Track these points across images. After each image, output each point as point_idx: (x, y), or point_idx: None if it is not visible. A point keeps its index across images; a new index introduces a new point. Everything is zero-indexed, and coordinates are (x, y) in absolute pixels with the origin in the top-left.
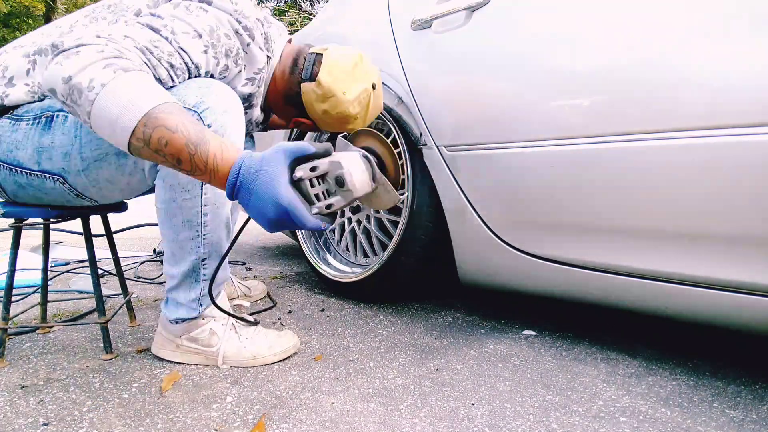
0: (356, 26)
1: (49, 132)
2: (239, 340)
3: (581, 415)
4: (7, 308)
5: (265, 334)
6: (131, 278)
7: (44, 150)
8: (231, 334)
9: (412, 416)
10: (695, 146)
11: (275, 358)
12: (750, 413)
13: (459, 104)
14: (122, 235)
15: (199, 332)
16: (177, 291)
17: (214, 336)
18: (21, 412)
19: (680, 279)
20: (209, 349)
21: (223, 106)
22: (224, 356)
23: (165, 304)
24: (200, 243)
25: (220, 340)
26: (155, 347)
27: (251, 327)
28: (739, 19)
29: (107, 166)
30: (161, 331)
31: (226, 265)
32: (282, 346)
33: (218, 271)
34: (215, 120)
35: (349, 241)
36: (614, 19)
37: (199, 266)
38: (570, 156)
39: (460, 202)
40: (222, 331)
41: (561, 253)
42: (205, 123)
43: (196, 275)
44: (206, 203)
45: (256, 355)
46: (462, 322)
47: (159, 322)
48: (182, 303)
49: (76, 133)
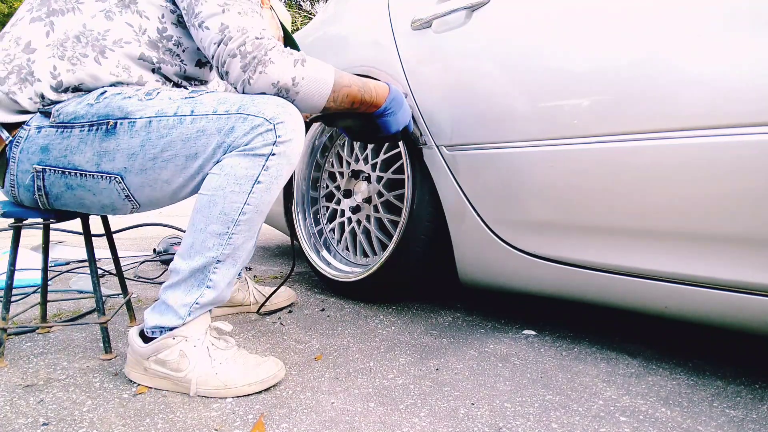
0: (356, 26)
1: (113, 137)
2: (212, 364)
3: (581, 414)
4: (6, 308)
5: (244, 361)
6: (131, 278)
7: (106, 153)
8: (203, 357)
9: (412, 416)
10: (695, 146)
11: (250, 390)
12: (750, 413)
13: (459, 104)
14: (122, 235)
15: (167, 353)
16: (175, 289)
17: (184, 359)
18: (21, 412)
19: (680, 279)
20: (177, 374)
21: (293, 125)
22: (196, 383)
23: (150, 310)
24: (225, 241)
25: (190, 364)
26: (127, 367)
27: (229, 350)
28: (739, 19)
29: (173, 166)
30: (129, 351)
31: (231, 282)
32: (259, 375)
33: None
34: (285, 134)
35: (349, 241)
36: (614, 18)
37: (211, 268)
38: (570, 155)
39: (460, 202)
40: (194, 354)
41: (561, 252)
42: (276, 134)
43: (202, 278)
44: (249, 203)
45: (228, 384)
46: (462, 322)
47: (128, 339)
48: (171, 306)
49: (148, 136)
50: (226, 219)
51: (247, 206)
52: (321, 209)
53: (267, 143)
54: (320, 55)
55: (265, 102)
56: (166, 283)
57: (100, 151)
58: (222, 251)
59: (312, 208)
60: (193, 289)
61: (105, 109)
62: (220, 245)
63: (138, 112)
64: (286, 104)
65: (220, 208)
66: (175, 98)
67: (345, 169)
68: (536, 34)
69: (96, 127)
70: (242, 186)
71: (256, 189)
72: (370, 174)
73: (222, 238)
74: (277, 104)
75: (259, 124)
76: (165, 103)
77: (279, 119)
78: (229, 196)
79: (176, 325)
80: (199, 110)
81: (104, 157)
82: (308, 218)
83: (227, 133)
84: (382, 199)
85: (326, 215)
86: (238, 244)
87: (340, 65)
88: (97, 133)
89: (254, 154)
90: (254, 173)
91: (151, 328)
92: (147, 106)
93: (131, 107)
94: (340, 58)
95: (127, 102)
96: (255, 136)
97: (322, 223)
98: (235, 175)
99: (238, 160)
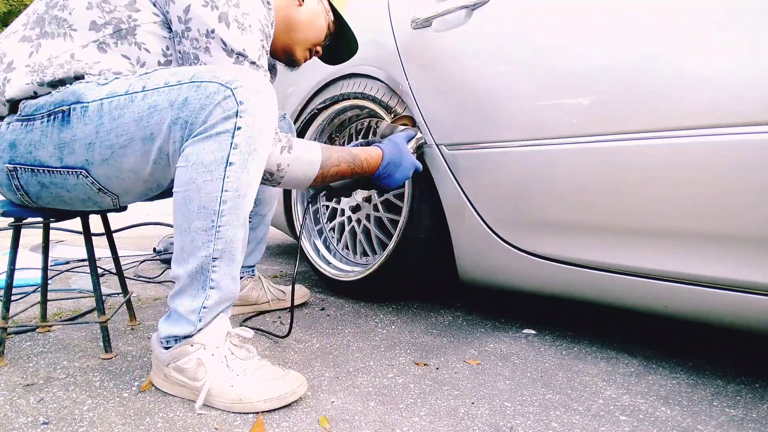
0: (356, 25)
1: (68, 126)
2: (229, 375)
3: (581, 413)
4: (6, 307)
5: (264, 373)
6: (131, 277)
7: (66, 145)
8: (221, 368)
9: (412, 415)
10: (695, 145)
11: (266, 406)
12: (750, 412)
13: (459, 103)
14: (122, 234)
15: (185, 361)
16: (181, 297)
17: (201, 368)
18: (21, 411)
19: (680, 278)
20: (194, 383)
21: (255, 87)
22: (208, 394)
23: (163, 320)
24: (213, 236)
25: (208, 373)
26: (151, 372)
27: (249, 360)
28: (739, 19)
29: (132, 153)
30: (153, 357)
31: (237, 278)
32: (277, 391)
33: (227, 280)
34: (248, 99)
35: (349, 240)
36: (614, 18)
37: (209, 267)
38: (570, 155)
39: (460, 201)
40: (211, 363)
41: (561, 251)
42: (237, 99)
43: (203, 279)
44: (227, 188)
45: (243, 398)
46: (462, 321)
47: (151, 343)
48: (182, 314)
49: (100, 121)
50: (208, 212)
51: (226, 193)
52: (321, 208)
53: (228, 115)
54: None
55: (221, 66)
56: (171, 292)
57: (59, 144)
58: (214, 247)
59: (312, 207)
60: (198, 293)
61: (61, 96)
62: (210, 242)
63: (90, 95)
64: (243, 68)
65: (198, 203)
66: (132, 77)
67: None
68: (536, 32)
69: (53, 116)
70: (213, 173)
71: (231, 172)
72: None
73: (209, 233)
74: (235, 67)
75: (214, 91)
76: (119, 83)
77: (237, 82)
78: (203, 187)
79: (190, 333)
80: (151, 84)
81: (64, 150)
82: (308, 217)
83: (181, 106)
84: (382, 198)
85: (326, 214)
86: (230, 236)
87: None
88: (54, 123)
89: (217, 132)
90: (223, 155)
91: (165, 338)
92: (101, 88)
93: (84, 90)
94: None
95: (82, 86)
96: (213, 107)
97: (322, 222)
98: (203, 162)
99: (202, 144)
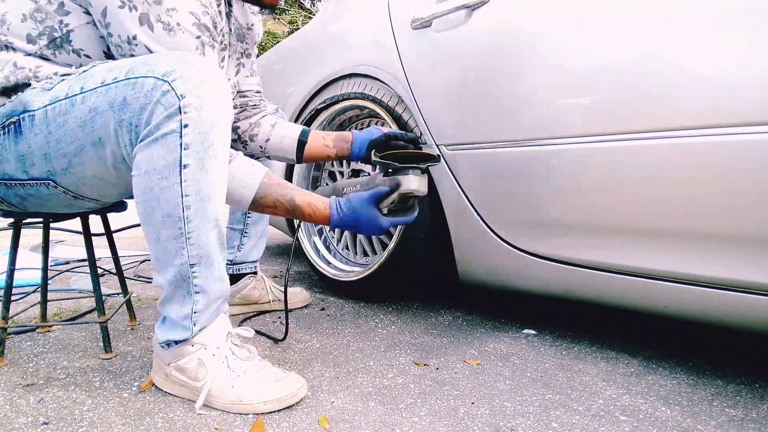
0: (356, 25)
1: (22, 138)
2: (230, 376)
3: (581, 413)
4: (6, 307)
5: (264, 374)
6: (131, 277)
7: (25, 157)
8: (221, 368)
9: (412, 415)
10: (695, 145)
11: (266, 408)
12: (750, 412)
13: (459, 103)
14: (122, 234)
15: (186, 361)
16: (169, 305)
17: (201, 368)
18: (21, 411)
19: (680, 278)
20: (195, 383)
21: (198, 76)
22: (208, 394)
23: (160, 323)
24: (184, 243)
25: (208, 373)
26: (152, 371)
27: (250, 361)
28: (739, 19)
29: (88, 160)
30: (154, 355)
31: (224, 276)
32: (277, 393)
33: (212, 282)
34: (190, 91)
35: (349, 241)
36: (614, 18)
37: (188, 274)
38: (570, 155)
39: (460, 201)
40: (211, 363)
41: (561, 251)
42: (177, 93)
43: (186, 286)
44: (187, 192)
45: (243, 399)
46: (462, 321)
47: (152, 342)
48: (175, 320)
49: (48, 129)
50: (173, 220)
51: (187, 198)
52: None
53: (171, 113)
54: (320, 55)
55: (158, 57)
56: (160, 299)
57: (18, 157)
58: (189, 254)
59: None
60: (185, 300)
61: (12, 106)
62: (183, 248)
63: (35, 103)
64: (185, 54)
65: (161, 212)
66: (72, 77)
67: (345, 168)
68: (536, 32)
69: (6, 129)
70: (169, 178)
71: (187, 175)
72: (370, 173)
73: (180, 241)
74: (173, 56)
75: (151, 87)
76: (60, 86)
77: (175, 73)
78: (162, 195)
79: (186, 338)
80: (89, 84)
81: (26, 163)
82: None
83: (121, 107)
84: None
85: None
86: (202, 240)
87: (340, 65)
88: (9, 136)
89: (163, 134)
90: (174, 158)
91: (164, 342)
92: (45, 95)
93: (30, 98)
94: (340, 58)
95: (29, 94)
96: (153, 106)
97: None
98: (155, 169)
99: (150, 150)
